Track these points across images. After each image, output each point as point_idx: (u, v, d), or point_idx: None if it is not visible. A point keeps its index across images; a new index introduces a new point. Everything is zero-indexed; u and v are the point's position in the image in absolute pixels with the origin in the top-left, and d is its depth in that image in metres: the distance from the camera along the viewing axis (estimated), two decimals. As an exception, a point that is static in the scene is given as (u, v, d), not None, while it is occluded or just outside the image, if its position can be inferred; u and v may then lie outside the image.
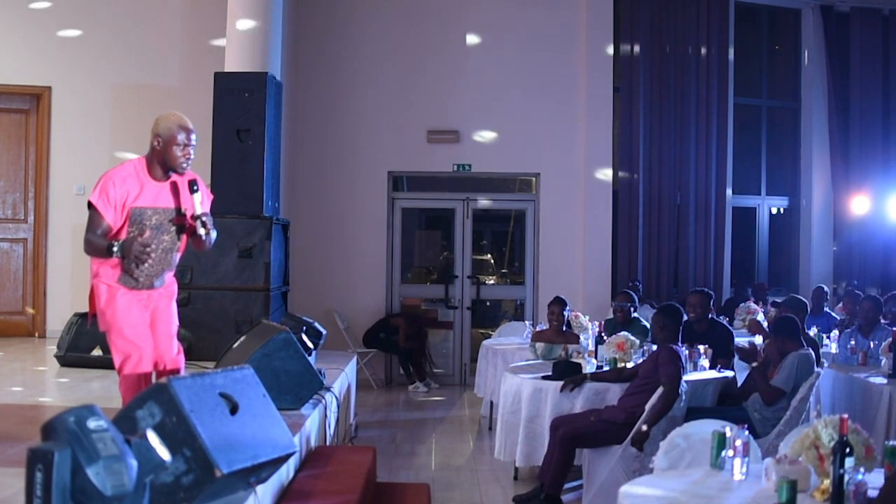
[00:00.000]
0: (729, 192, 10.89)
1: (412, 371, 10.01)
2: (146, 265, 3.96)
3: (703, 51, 10.73)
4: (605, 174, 10.53)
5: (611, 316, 7.67)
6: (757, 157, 11.50)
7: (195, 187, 4.04)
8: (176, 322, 4.21)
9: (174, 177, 4.03)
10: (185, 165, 3.99)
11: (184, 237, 4.12)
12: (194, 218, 4.02)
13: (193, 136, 4.00)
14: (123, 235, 3.92)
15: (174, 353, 4.14)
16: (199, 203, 4.03)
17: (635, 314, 7.34)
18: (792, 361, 5.28)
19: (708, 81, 10.72)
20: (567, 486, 5.46)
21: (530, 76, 10.48)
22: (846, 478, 2.90)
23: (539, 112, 10.47)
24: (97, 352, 6.75)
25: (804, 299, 7.23)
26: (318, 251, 10.20)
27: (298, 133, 10.16)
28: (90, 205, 3.90)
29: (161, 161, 3.97)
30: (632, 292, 7.69)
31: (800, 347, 5.39)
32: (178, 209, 4.05)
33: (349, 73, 10.36)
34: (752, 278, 11.20)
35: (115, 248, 3.84)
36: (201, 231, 4.00)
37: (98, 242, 3.89)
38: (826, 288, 9.36)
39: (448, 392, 9.99)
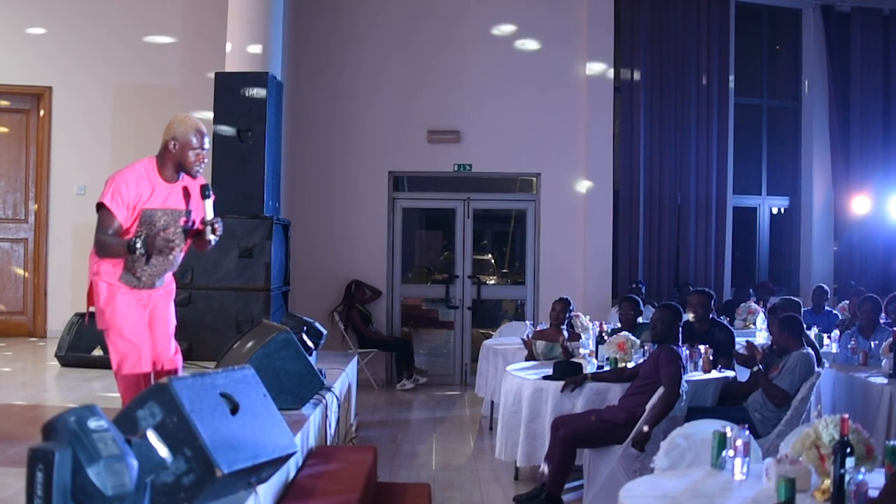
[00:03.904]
0: (730, 191, 10.89)
1: (404, 368, 10.04)
2: (150, 266, 3.97)
3: (704, 51, 10.71)
4: (606, 174, 10.51)
5: (615, 325, 7.39)
6: (758, 157, 11.50)
7: (207, 193, 4.04)
8: (174, 322, 4.21)
9: (185, 180, 4.03)
10: (198, 169, 4.00)
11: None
12: (205, 223, 4.03)
13: (207, 140, 4.01)
14: (132, 236, 3.89)
15: (172, 353, 4.15)
16: (210, 209, 4.04)
17: (641, 319, 7.22)
18: (794, 362, 5.29)
19: (709, 81, 10.72)
20: (568, 486, 5.46)
21: (531, 76, 10.48)
22: (847, 478, 2.90)
23: (539, 112, 10.46)
24: (98, 352, 6.74)
25: (797, 300, 7.21)
26: (318, 251, 10.20)
27: (299, 133, 10.15)
28: (101, 205, 3.86)
29: (175, 164, 3.97)
30: (636, 297, 7.53)
31: (801, 347, 5.40)
32: (188, 211, 4.05)
33: (350, 73, 10.36)
34: (752, 278, 11.19)
35: (137, 244, 3.81)
36: (210, 237, 4.01)
37: (114, 242, 3.85)
38: (826, 287, 9.35)
39: (448, 392, 9.99)
